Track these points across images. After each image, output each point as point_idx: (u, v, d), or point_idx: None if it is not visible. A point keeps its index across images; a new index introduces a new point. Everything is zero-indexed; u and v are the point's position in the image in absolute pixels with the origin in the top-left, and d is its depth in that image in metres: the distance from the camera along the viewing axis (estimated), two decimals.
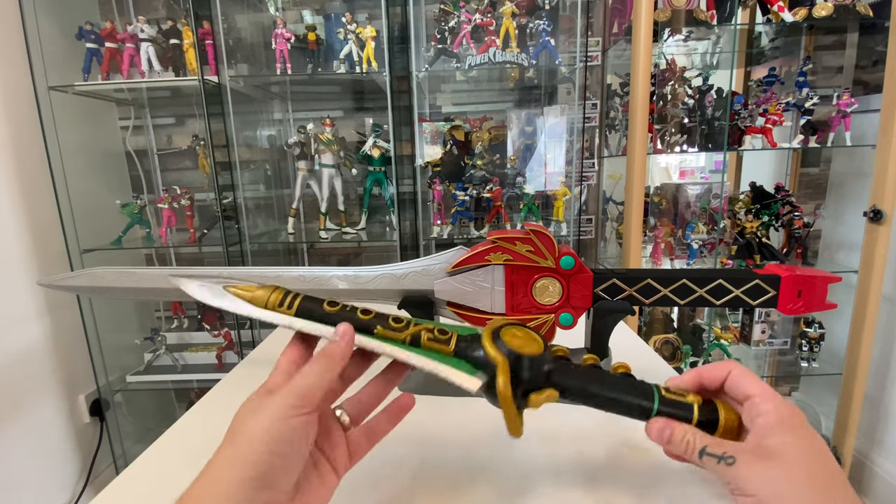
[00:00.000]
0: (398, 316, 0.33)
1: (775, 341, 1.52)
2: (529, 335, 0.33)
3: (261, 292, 0.34)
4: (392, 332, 0.33)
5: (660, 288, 0.48)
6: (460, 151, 1.46)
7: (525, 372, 0.31)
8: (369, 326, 0.33)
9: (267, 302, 0.33)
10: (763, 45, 1.56)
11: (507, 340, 0.31)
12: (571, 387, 0.32)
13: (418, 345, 0.33)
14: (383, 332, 0.33)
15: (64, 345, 1.40)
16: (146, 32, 1.32)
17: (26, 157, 1.30)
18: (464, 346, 0.32)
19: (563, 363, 0.33)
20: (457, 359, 0.32)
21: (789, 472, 0.26)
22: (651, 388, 0.32)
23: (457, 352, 0.32)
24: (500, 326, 0.33)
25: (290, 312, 0.33)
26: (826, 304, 0.48)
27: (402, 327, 0.33)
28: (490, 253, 0.49)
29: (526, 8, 1.35)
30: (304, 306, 0.33)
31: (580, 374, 0.33)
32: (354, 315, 0.33)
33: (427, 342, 0.32)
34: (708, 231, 1.39)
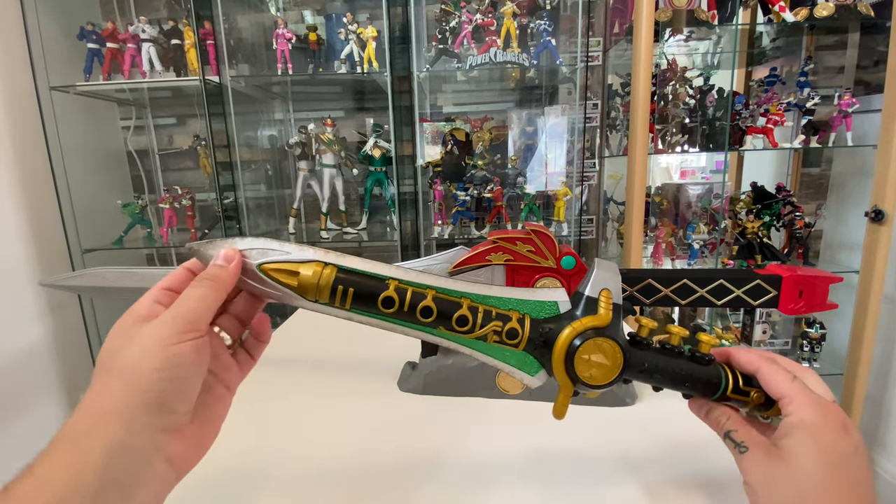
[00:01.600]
0: (463, 316, 0.30)
1: (776, 341, 1.52)
2: (611, 356, 0.30)
3: (307, 273, 0.29)
4: (457, 332, 0.30)
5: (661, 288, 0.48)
6: (461, 151, 1.46)
7: (587, 391, 0.31)
8: (431, 330, 0.31)
9: (318, 289, 0.29)
10: (764, 45, 1.55)
11: (580, 369, 0.30)
12: (637, 379, 0.33)
13: (484, 341, 0.31)
14: (447, 332, 0.31)
15: (65, 345, 1.41)
16: (147, 33, 1.32)
17: (28, 157, 1.30)
18: (535, 346, 0.31)
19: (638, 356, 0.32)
20: (524, 355, 0.31)
21: (791, 475, 0.27)
22: (720, 384, 0.32)
23: (526, 349, 0.31)
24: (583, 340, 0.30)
25: (345, 307, 0.30)
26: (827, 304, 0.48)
27: (468, 331, 0.30)
28: (491, 253, 0.49)
29: (527, 8, 1.34)
30: (359, 298, 0.30)
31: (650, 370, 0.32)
32: (413, 317, 0.30)
33: (492, 343, 0.31)
34: (709, 231, 1.39)
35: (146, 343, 0.25)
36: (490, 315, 0.30)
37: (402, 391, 0.54)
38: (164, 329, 0.25)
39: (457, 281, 0.31)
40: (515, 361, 0.31)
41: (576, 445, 0.44)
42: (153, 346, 0.25)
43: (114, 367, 0.24)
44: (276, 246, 0.30)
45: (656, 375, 0.32)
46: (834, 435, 0.27)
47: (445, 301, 0.30)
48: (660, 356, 0.32)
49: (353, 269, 0.30)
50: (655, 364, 0.32)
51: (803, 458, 0.27)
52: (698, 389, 0.33)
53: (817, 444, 0.27)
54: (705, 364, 0.33)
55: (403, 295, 0.30)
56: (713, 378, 0.32)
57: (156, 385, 0.24)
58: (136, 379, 0.24)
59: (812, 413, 0.28)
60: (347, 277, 0.30)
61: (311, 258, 0.30)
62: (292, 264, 0.29)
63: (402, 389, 0.55)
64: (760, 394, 0.32)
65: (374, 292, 0.30)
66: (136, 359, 0.24)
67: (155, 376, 0.24)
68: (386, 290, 0.30)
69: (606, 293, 0.31)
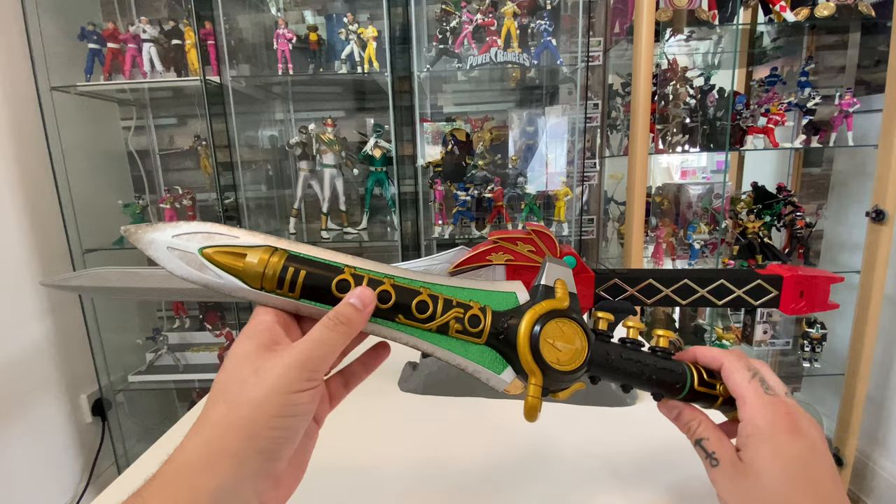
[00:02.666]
0: (423, 302, 0.28)
1: (777, 342, 1.52)
2: (575, 337, 0.30)
3: (254, 259, 0.27)
4: (415, 323, 0.28)
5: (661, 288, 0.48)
6: (461, 152, 1.46)
7: (557, 384, 0.30)
8: (389, 316, 0.28)
9: (264, 276, 0.27)
10: (765, 45, 1.55)
11: (546, 354, 0.29)
12: (602, 377, 0.32)
13: (446, 333, 0.29)
14: (406, 322, 0.29)
15: (66, 345, 1.41)
16: (148, 33, 1.32)
17: (29, 157, 1.30)
18: (497, 337, 0.30)
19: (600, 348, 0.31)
20: (487, 350, 0.30)
21: (756, 491, 0.27)
22: (685, 380, 0.32)
23: (489, 342, 0.30)
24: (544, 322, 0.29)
25: (294, 296, 0.27)
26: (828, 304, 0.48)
27: (428, 318, 0.28)
28: (491, 253, 0.49)
29: (527, 8, 1.34)
30: (310, 285, 0.27)
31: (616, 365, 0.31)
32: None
33: (455, 334, 0.29)
34: (710, 231, 1.39)
35: (270, 384, 0.24)
36: (451, 303, 0.29)
37: (403, 391, 0.54)
38: (291, 373, 0.24)
39: (415, 272, 0.30)
40: (480, 358, 0.30)
41: (576, 446, 0.44)
42: (277, 389, 0.24)
43: (234, 401, 0.24)
44: (223, 231, 0.28)
45: (621, 369, 0.31)
46: (787, 438, 0.27)
47: (404, 289, 0.29)
48: (622, 348, 0.32)
49: (305, 256, 0.28)
50: (619, 355, 0.31)
51: (764, 470, 0.27)
52: (665, 385, 0.32)
53: (773, 452, 0.27)
54: (666, 358, 0.33)
55: (360, 281, 0.28)
56: (677, 371, 0.32)
57: (272, 432, 0.23)
58: (255, 422, 0.23)
59: (763, 417, 0.28)
60: (298, 264, 0.27)
61: (261, 243, 0.28)
62: (238, 248, 0.27)
63: (402, 389, 0.55)
64: (726, 387, 0.32)
65: (326, 278, 0.27)
66: (260, 401, 0.23)
67: (273, 423, 0.23)
68: (341, 274, 0.28)
69: (561, 282, 0.31)
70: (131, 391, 1.55)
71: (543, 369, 0.29)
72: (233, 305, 1.57)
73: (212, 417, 0.24)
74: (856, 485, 1.46)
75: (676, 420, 0.33)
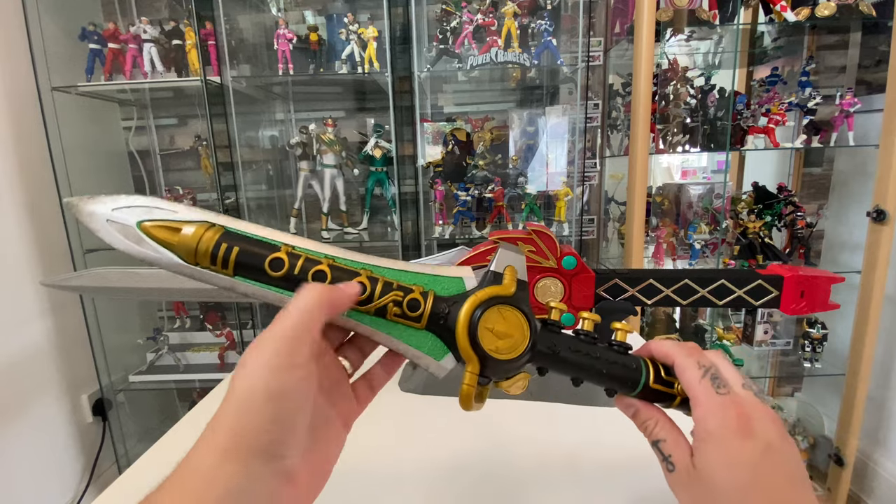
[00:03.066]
0: (360, 283, 0.27)
1: (778, 342, 1.52)
2: (516, 325, 0.28)
3: (189, 232, 0.26)
4: (353, 308, 0.28)
5: (662, 288, 0.48)
6: (462, 152, 1.46)
7: (499, 373, 0.29)
8: None
9: (197, 251, 0.26)
10: (766, 45, 1.55)
11: (484, 341, 0.28)
12: (550, 369, 0.31)
13: (384, 316, 0.28)
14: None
15: (67, 344, 1.41)
16: (149, 33, 1.33)
17: (29, 157, 1.31)
18: (437, 322, 0.28)
19: (548, 338, 0.30)
20: (427, 335, 0.29)
21: (711, 493, 0.25)
22: (639, 376, 0.30)
23: (429, 328, 0.28)
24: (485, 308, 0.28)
25: (227, 272, 0.27)
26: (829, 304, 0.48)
27: (364, 300, 0.27)
28: (492, 253, 0.49)
29: (528, 8, 1.34)
30: (242, 262, 0.27)
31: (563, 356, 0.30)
32: (304, 281, 0.27)
33: (394, 318, 0.28)
34: (710, 231, 1.39)
35: (251, 374, 0.23)
36: (390, 286, 0.28)
37: (403, 391, 0.55)
38: (266, 358, 0.23)
39: (357, 253, 0.29)
40: (420, 343, 0.28)
41: (577, 445, 0.44)
42: (259, 376, 0.23)
43: (228, 398, 0.23)
44: (164, 205, 0.27)
45: (569, 362, 0.30)
46: (739, 442, 0.26)
47: (342, 269, 0.27)
48: (572, 339, 0.31)
49: (241, 232, 0.27)
50: (567, 347, 0.30)
51: (714, 478, 0.25)
52: (617, 380, 0.30)
53: (723, 458, 0.26)
54: (621, 352, 0.31)
55: (295, 260, 0.27)
56: (631, 366, 0.30)
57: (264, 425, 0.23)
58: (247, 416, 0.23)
59: (714, 420, 0.26)
60: (233, 240, 0.27)
61: (199, 219, 0.27)
62: (175, 223, 0.27)
63: (402, 389, 0.55)
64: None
65: (260, 256, 0.27)
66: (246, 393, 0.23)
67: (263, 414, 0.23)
68: (276, 252, 0.27)
69: (511, 268, 0.30)
70: (132, 391, 1.55)
71: (481, 357, 0.28)
72: (233, 305, 1.57)
73: (215, 420, 0.24)
74: (857, 485, 1.46)
75: (634, 418, 0.31)
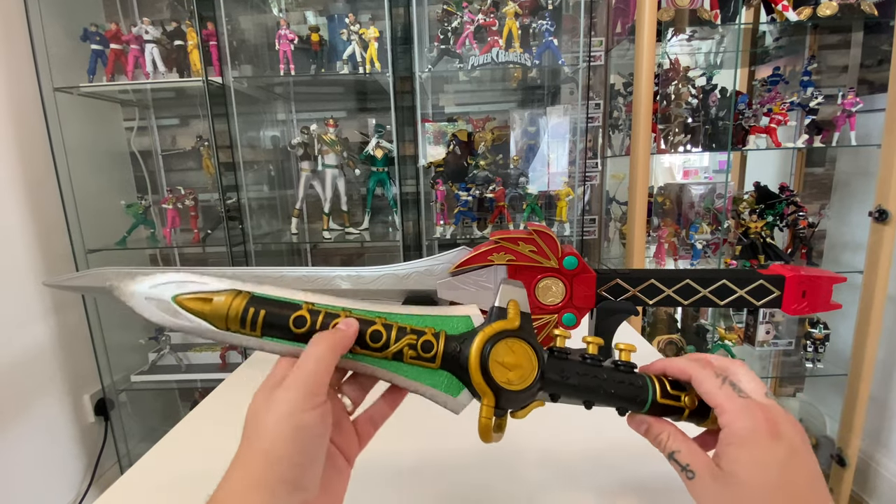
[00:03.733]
0: (377, 331, 0.30)
1: (780, 342, 1.51)
2: (524, 356, 0.30)
3: (219, 301, 0.29)
4: (371, 352, 0.30)
5: (663, 288, 0.48)
6: (463, 152, 1.46)
7: (513, 404, 0.30)
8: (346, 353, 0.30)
9: (227, 317, 0.29)
10: (767, 45, 1.55)
11: (496, 374, 0.29)
12: (561, 395, 0.32)
13: (401, 360, 0.30)
14: (363, 353, 0.30)
15: (69, 344, 1.41)
16: (150, 34, 1.33)
17: (32, 157, 1.31)
18: (451, 361, 0.30)
19: (556, 366, 0.32)
20: (443, 373, 0.31)
21: (739, 494, 0.26)
22: (646, 394, 0.32)
23: (443, 366, 0.30)
24: (494, 343, 0.30)
25: (256, 334, 0.29)
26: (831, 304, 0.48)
27: (382, 346, 0.30)
28: (493, 253, 0.49)
29: (529, 8, 1.34)
30: (269, 323, 0.30)
31: (572, 382, 0.32)
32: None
33: (410, 360, 0.30)
34: (712, 231, 1.39)
35: (278, 411, 0.25)
36: (404, 330, 0.30)
37: None
38: (293, 396, 0.26)
39: (371, 302, 0.32)
40: (436, 382, 0.31)
41: (578, 444, 0.44)
42: (286, 413, 0.25)
43: (254, 435, 0.26)
44: (195, 279, 0.30)
45: (578, 386, 0.32)
46: (766, 444, 0.27)
47: (360, 320, 0.30)
48: (578, 364, 0.32)
49: (266, 296, 0.30)
50: (575, 372, 0.32)
51: (744, 478, 0.26)
52: (626, 399, 0.32)
53: (753, 459, 0.26)
54: (627, 371, 0.33)
55: (316, 316, 0.30)
56: (637, 384, 0.32)
57: (290, 457, 0.25)
58: (273, 449, 0.25)
59: (742, 423, 0.27)
60: (259, 304, 0.30)
61: (226, 287, 0.30)
62: (206, 293, 0.29)
63: None
64: (693, 398, 0.32)
65: (284, 314, 0.30)
66: (273, 428, 0.25)
67: (289, 447, 0.25)
68: (298, 310, 0.30)
69: (514, 302, 0.32)
70: (134, 391, 1.56)
71: (495, 390, 0.29)
72: None
73: (240, 454, 0.26)
74: (859, 485, 1.45)
75: (646, 434, 0.32)
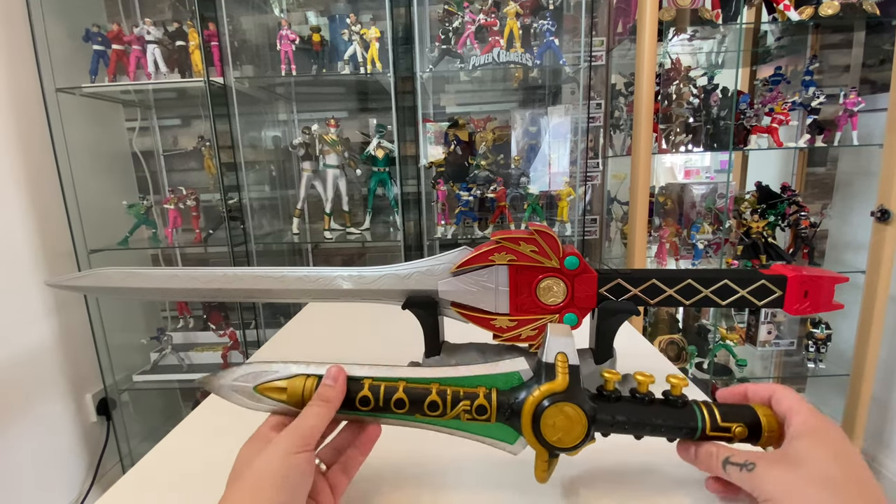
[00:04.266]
0: (434, 401, 0.33)
1: (781, 342, 1.51)
2: (574, 417, 0.32)
3: (294, 387, 0.34)
4: (429, 418, 0.33)
5: (665, 288, 0.48)
6: (464, 152, 1.46)
7: (563, 451, 0.33)
8: (411, 413, 0.34)
9: (303, 399, 0.33)
10: (769, 44, 1.55)
11: (546, 434, 0.32)
12: (612, 432, 0.34)
13: (459, 419, 0.33)
14: (424, 418, 0.34)
15: (71, 344, 1.42)
16: (152, 34, 1.33)
17: (34, 158, 1.31)
18: (504, 415, 0.33)
19: (606, 408, 0.34)
20: (498, 426, 0.34)
21: (804, 474, 0.28)
22: (696, 424, 0.34)
23: (498, 420, 0.33)
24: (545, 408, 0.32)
25: None
26: (833, 304, 0.48)
27: (440, 414, 0.33)
28: (494, 253, 0.49)
29: (530, 8, 1.34)
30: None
31: (621, 420, 0.34)
32: (390, 410, 0.33)
33: (466, 421, 0.33)
34: (713, 231, 1.39)
35: (272, 453, 0.29)
36: (458, 395, 0.33)
37: None
38: (287, 441, 0.30)
39: (425, 368, 0.35)
40: (492, 434, 0.34)
41: None
42: (277, 455, 0.29)
43: (243, 475, 0.29)
44: (265, 368, 0.34)
45: (627, 423, 0.34)
46: (838, 435, 0.30)
47: (416, 390, 0.33)
48: (629, 406, 0.34)
49: None
50: (626, 416, 0.34)
51: (818, 456, 0.28)
52: (674, 430, 0.34)
53: (827, 443, 0.29)
54: (679, 407, 0.34)
55: (377, 391, 0.33)
56: (689, 420, 0.34)
57: (277, 492, 0.28)
58: (261, 484, 0.28)
59: (815, 420, 0.31)
60: None
61: (295, 373, 0.34)
62: (281, 381, 0.34)
63: None
64: (744, 428, 0.33)
65: (351, 395, 0.33)
66: (263, 466, 0.29)
67: (278, 482, 0.28)
68: (361, 390, 0.33)
69: (562, 356, 0.33)
70: (136, 391, 1.56)
71: (548, 448, 0.33)
72: (236, 305, 1.58)
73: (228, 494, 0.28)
74: None
75: (696, 458, 0.34)
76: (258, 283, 0.54)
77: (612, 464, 0.41)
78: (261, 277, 0.54)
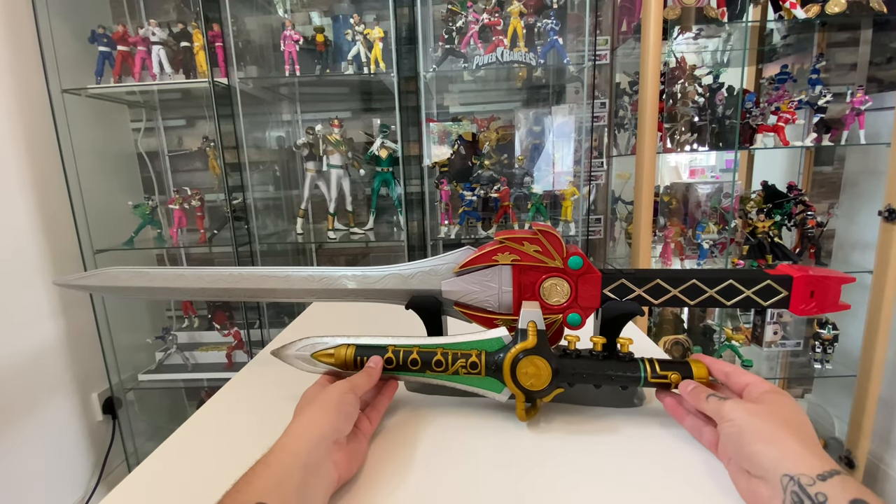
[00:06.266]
0: (438, 360, 0.46)
1: (788, 342, 1.50)
2: (541, 366, 0.43)
3: (339, 353, 0.47)
4: (437, 372, 0.46)
5: (669, 288, 0.48)
6: (468, 151, 1.46)
7: (537, 395, 0.45)
8: (422, 371, 0.46)
9: (345, 362, 0.47)
10: (775, 43, 1.54)
11: (522, 381, 0.44)
12: (575, 382, 0.46)
13: (458, 374, 0.46)
14: (431, 373, 0.46)
15: (77, 344, 1.43)
16: (157, 35, 1.34)
17: (40, 158, 1.32)
18: (491, 370, 0.45)
19: (568, 364, 0.45)
20: (487, 379, 0.45)
21: (762, 409, 0.37)
22: (638, 374, 0.44)
23: (487, 374, 0.45)
24: (519, 360, 0.43)
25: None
26: (839, 304, 0.47)
27: (444, 370, 0.46)
28: (498, 253, 0.49)
29: (534, 7, 1.34)
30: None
31: (580, 372, 0.45)
32: (407, 367, 0.46)
33: (463, 375, 0.46)
34: (719, 231, 1.38)
35: (333, 389, 0.42)
36: (457, 356, 0.46)
37: (409, 391, 0.55)
38: (343, 385, 0.43)
39: (431, 339, 0.48)
40: (484, 385, 0.46)
41: (583, 445, 0.43)
42: (336, 391, 0.42)
43: (315, 400, 0.41)
44: (318, 340, 0.49)
45: (585, 375, 0.45)
46: (785, 397, 0.38)
47: (426, 352, 0.46)
48: (586, 361, 0.45)
49: (365, 344, 0.48)
50: (584, 367, 0.45)
51: (772, 402, 0.37)
52: (623, 380, 0.45)
53: (780, 397, 0.38)
54: (627, 360, 0.45)
55: (398, 355, 0.47)
56: (635, 371, 0.45)
57: (336, 413, 0.39)
58: (326, 407, 0.40)
59: (771, 386, 0.40)
60: (362, 350, 0.47)
61: (340, 343, 0.48)
62: (330, 349, 0.48)
63: (408, 389, 0.55)
64: (678, 376, 0.44)
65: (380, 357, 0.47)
66: (327, 396, 0.41)
67: (337, 407, 0.40)
68: (387, 353, 0.47)
69: (532, 323, 0.44)
70: (141, 390, 1.57)
71: (523, 390, 0.44)
72: (241, 305, 1.58)
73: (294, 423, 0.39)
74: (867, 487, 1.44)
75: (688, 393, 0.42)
76: (263, 282, 0.55)
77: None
78: (266, 277, 0.55)
